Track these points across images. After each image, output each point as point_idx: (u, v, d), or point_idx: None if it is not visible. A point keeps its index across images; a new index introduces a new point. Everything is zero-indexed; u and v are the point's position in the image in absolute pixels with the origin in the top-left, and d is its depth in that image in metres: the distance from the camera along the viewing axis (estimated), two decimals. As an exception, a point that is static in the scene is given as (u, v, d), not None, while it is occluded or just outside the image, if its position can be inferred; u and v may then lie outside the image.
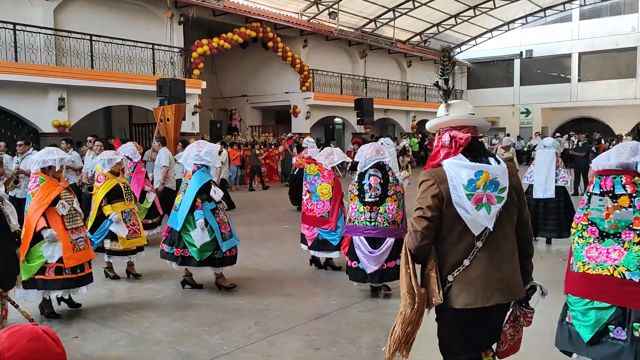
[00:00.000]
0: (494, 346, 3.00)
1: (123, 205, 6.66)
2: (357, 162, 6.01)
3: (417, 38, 28.84)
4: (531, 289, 2.91)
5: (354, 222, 5.87)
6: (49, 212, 5.17)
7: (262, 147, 19.81)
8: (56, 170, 5.38)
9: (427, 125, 3.01)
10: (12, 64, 13.27)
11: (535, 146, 14.82)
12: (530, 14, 29.57)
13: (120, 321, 5.34)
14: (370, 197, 5.77)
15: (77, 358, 4.42)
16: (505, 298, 2.72)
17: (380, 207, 5.75)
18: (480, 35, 31.52)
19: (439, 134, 2.85)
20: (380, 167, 5.86)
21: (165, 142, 10.97)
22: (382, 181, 5.81)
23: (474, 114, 2.89)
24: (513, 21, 30.31)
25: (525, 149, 28.02)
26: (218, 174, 11.70)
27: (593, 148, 16.27)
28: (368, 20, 24.87)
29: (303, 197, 7.30)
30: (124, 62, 15.91)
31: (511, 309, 2.93)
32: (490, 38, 31.96)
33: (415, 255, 2.75)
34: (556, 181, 8.75)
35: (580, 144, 17.47)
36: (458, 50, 32.90)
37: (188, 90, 15.34)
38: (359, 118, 22.66)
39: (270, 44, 20.85)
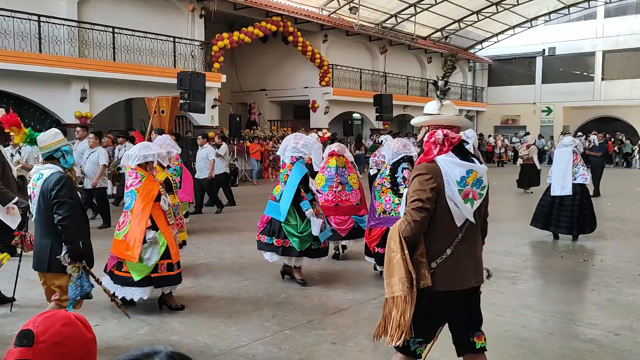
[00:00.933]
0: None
1: (172, 198, 6.64)
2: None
3: (438, 34, 28.63)
4: None
5: (389, 213, 6.11)
6: (153, 209, 5.08)
7: None
8: (153, 165, 5.37)
9: (416, 120, 3.30)
10: (36, 55, 13.47)
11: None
12: (554, 11, 29.20)
13: (139, 310, 5.41)
14: (405, 189, 5.94)
15: (97, 345, 4.48)
16: (477, 281, 3.08)
17: None
18: (502, 32, 31.19)
19: (428, 129, 3.14)
20: (410, 160, 6.16)
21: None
22: None
23: (459, 115, 3.25)
24: (536, 18, 29.95)
25: (546, 147, 27.71)
26: (211, 167, 11.66)
27: (616, 148, 16.06)
28: (389, 15, 24.76)
29: (334, 189, 7.30)
30: (146, 54, 16.05)
31: None
32: (512, 35, 31.60)
33: (407, 242, 2.96)
34: (575, 179, 8.62)
35: (597, 143, 17.21)
36: (479, 47, 32.60)
37: (208, 83, 15.44)
38: (377, 114, 22.59)
39: (290, 38, 20.87)
